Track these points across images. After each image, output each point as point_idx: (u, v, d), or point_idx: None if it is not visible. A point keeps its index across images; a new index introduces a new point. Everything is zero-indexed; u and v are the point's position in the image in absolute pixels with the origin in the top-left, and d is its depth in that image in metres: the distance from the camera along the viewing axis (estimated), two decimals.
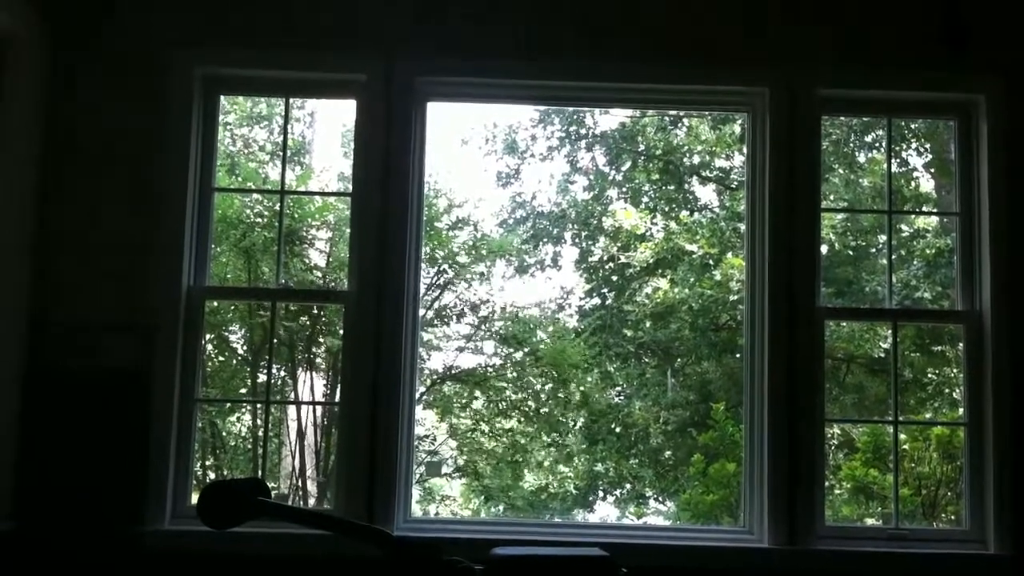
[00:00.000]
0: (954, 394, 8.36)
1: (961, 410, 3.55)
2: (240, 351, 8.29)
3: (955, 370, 8.33)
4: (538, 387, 9.41)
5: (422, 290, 6.25)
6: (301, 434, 7.57)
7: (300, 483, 7.57)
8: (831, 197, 8.83)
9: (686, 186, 10.32)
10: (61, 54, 3.32)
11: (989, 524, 3.22)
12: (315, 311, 7.68)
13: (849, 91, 3.46)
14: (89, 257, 3.27)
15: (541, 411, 9.37)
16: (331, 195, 8.43)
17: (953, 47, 3.34)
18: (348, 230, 3.59)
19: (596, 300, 10.16)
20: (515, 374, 9.33)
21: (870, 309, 7.79)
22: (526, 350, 9.23)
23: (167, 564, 3.12)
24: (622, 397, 9.82)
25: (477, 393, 9.28)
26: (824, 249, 8.30)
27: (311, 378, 7.87)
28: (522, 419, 9.31)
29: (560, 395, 9.36)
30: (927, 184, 9.77)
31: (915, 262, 8.70)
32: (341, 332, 3.92)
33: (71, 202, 3.29)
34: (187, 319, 3.29)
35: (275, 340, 7.18)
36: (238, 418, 8.57)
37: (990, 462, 3.23)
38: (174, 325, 3.25)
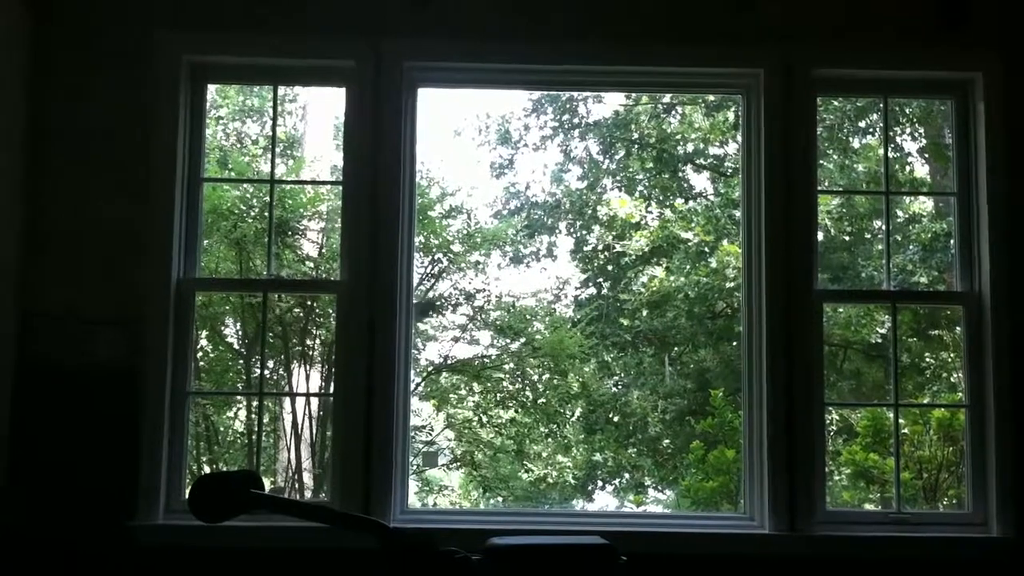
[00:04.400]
0: (952, 378, 8.34)
1: (960, 393, 3.52)
2: (235, 345, 8.24)
3: (952, 354, 8.31)
4: (535, 377, 9.38)
5: (416, 279, 6.21)
6: (296, 427, 7.53)
7: (296, 476, 7.54)
8: (826, 183, 8.79)
9: (680, 174, 10.28)
10: (46, 42, 3.26)
11: (991, 506, 3.19)
12: (308, 303, 7.63)
13: (845, 70, 3.42)
14: (77, 250, 3.22)
15: (539, 401, 9.34)
16: (321, 183, 8.31)
17: (952, 25, 3.30)
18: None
19: (592, 290, 10.13)
20: (512, 365, 9.29)
21: (869, 291, 7.77)
22: (522, 340, 9.20)
23: (160, 559, 3.08)
24: (620, 386, 9.80)
25: (475, 385, 9.24)
26: (820, 236, 8.28)
27: (306, 371, 7.83)
28: (519, 409, 9.28)
29: (558, 385, 9.33)
30: (921, 170, 9.75)
31: (911, 247, 8.68)
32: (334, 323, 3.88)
33: (58, 194, 3.24)
34: (177, 311, 3.24)
35: (269, 333, 7.13)
36: (235, 413, 8.52)
37: (992, 444, 3.20)
38: (164, 318, 3.20)
